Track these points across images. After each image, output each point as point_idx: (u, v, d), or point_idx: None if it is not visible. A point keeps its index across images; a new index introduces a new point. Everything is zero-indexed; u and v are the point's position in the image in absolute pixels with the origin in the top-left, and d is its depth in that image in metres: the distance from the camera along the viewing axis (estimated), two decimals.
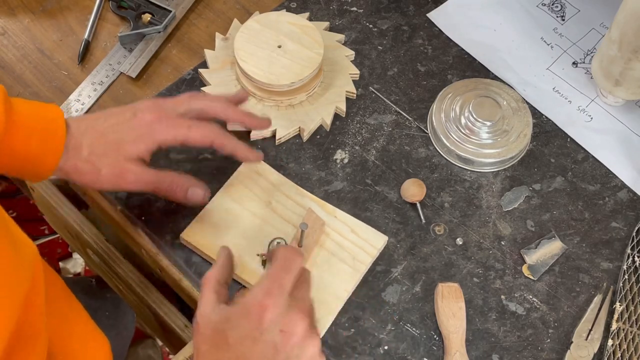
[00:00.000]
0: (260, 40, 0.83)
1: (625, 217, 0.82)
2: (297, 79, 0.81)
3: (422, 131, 0.86)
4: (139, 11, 0.92)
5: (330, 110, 0.84)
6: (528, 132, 0.85)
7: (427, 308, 0.75)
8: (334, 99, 0.85)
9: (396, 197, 0.81)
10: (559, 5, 0.98)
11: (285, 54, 0.82)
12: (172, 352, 1.28)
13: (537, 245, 0.79)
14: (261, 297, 0.59)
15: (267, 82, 0.81)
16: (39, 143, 0.67)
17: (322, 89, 0.85)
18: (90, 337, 0.74)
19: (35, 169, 0.68)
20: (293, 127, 0.82)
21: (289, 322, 0.58)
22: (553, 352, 0.74)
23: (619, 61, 0.83)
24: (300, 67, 0.81)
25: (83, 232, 0.89)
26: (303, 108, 0.84)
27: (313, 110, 0.84)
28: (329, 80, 0.86)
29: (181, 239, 0.77)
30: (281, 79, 0.81)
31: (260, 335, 0.58)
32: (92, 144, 0.69)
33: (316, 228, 0.76)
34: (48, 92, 0.88)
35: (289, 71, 0.81)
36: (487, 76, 0.91)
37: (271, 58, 0.82)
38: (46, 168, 0.68)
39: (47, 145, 0.67)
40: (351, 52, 0.89)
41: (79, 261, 1.63)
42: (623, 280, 0.78)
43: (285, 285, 0.59)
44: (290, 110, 0.83)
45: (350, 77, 0.87)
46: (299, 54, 0.82)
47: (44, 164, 0.68)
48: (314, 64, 0.82)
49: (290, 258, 0.61)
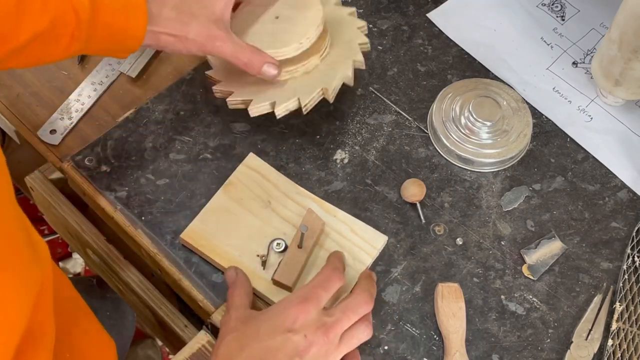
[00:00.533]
0: (256, 18, 0.80)
1: (625, 217, 0.82)
2: (304, 38, 0.78)
3: (422, 131, 0.86)
4: None
5: (348, 65, 0.80)
6: (528, 132, 0.85)
7: (427, 308, 0.75)
8: (348, 53, 0.81)
9: (396, 197, 0.81)
10: (559, 5, 0.98)
11: (284, 21, 0.79)
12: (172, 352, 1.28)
13: (537, 245, 0.79)
14: (298, 302, 0.65)
15: (274, 51, 0.77)
16: (124, 17, 0.68)
17: (332, 48, 0.82)
18: (96, 337, 0.75)
19: (126, 41, 0.70)
20: (316, 90, 0.78)
21: (315, 331, 0.64)
22: (553, 352, 0.74)
23: (619, 61, 0.83)
24: (302, 27, 0.78)
25: (83, 232, 0.89)
26: (320, 71, 0.80)
27: (330, 70, 0.80)
28: (338, 38, 0.83)
29: (181, 239, 0.77)
30: (288, 43, 0.77)
31: (290, 335, 0.63)
32: (178, 6, 0.71)
33: (316, 228, 0.76)
34: (48, 92, 0.88)
35: (293, 34, 0.78)
36: (487, 76, 0.91)
37: (272, 30, 0.79)
38: (134, 39, 0.70)
39: (132, 17, 0.69)
40: (352, 9, 0.85)
41: (78, 261, 1.63)
42: (623, 280, 0.78)
43: (321, 299, 0.66)
44: (306, 77, 0.80)
45: (359, 30, 0.83)
46: (299, 17, 0.79)
47: (131, 35, 0.70)
48: (316, 20, 0.79)
49: (331, 279, 0.67)
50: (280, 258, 0.74)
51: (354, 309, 0.67)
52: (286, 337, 0.63)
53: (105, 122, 0.86)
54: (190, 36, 0.72)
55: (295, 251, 0.74)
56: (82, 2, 0.66)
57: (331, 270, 0.69)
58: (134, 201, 0.80)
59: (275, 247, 0.75)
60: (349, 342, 0.66)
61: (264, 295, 0.74)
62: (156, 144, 0.83)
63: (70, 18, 0.66)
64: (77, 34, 0.67)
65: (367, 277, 0.72)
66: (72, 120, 0.86)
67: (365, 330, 0.67)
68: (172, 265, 0.77)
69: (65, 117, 0.86)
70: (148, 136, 0.84)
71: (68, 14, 0.65)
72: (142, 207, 0.79)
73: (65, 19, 0.66)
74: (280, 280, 0.73)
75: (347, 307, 0.67)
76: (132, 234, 0.78)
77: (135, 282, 0.89)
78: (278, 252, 0.75)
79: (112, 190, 0.80)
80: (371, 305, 0.68)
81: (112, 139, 0.83)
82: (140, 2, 0.69)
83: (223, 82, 0.80)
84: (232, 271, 0.72)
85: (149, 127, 0.84)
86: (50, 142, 0.84)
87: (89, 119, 0.86)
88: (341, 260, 0.72)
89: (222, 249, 0.76)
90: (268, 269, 0.75)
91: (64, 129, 0.85)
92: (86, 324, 0.74)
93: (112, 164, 0.82)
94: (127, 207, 0.79)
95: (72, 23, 0.66)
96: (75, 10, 0.65)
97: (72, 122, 0.86)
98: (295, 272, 0.73)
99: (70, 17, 0.66)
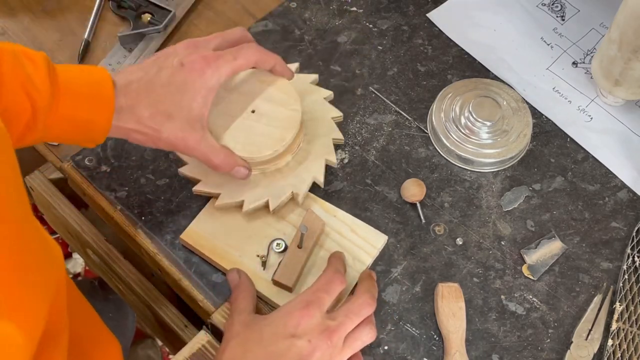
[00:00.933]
0: (232, 108, 0.74)
1: (625, 217, 0.82)
2: (280, 144, 0.74)
3: (422, 131, 0.86)
4: (139, 11, 0.92)
5: (320, 166, 0.77)
6: (528, 132, 0.85)
7: (427, 308, 0.75)
8: (322, 151, 0.78)
9: (396, 197, 0.81)
10: (559, 5, 0.98)
11: (260, 118, 0.74)
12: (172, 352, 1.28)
13: (537, 245, 0.79)
14: (301, 307, 0.65)
15: (249, 156, 0.73)
16: (88, 107, 0.65)
17: (306, 143, 0.78)
18: (102, 338, 0.75)
19: (89, 133, 0.67)
20: (285, 193, 0.75)
21: (319, 335, 0.64)
22: (553, 352, 0.74)
23: (618, 61, 0.83)
24: (279, 131, 0.74)
25: (83, 232, 0.89)
26: (291, 170, 0.76)
27: (302, 169, 0.76)
28: (312, 131, 0.79)
29: (181, 240, 0.77)
30: (262, 148, 0.73)
31: (294, 340, 0.63)
32: (152, 104, 0.67)
33: (316, 229, 0.75)
34: None
35: (269, 138, 0.74)
36: (487, 76, 0.91)
37: (247, 127, 0.74)
38: (99, 132, 0.67)
39: (96, 109, 0.66)
40: (329, 93, 0.81)
41: (79, 261, 1.63)
42: (623, 280, 0.77)
43: (324, 303, 0.66)
44: (278, 175, 0.76)
45: (333, 120, 0.80)
46: (276, 116, 0.74)
47: (96, 128, 0.67)
48: (294, 124, 0.74)
49: (333, 282, 0.68)
50: (280, 258, 0.74)
51: (356, 311, 0.67)
52: (290, 342, 0.63)
53: None
54: (163, 136, 0.67)
55: (295, 251, 0.74)
56: (40, 90, 0.62)
57: (333, 273, 0.69)
58: (134, 201, 0.80)
59: (275, 247, 0.75)
60: (353, 345, 0.66)
61: (264, 296, 0.74)
62: None
63: (24, 107, 0.62)
64: (32, 124, 0.63)
65: (368, 278, 0.72)
66: None
67: (370, 333, 0.67)
68: (172, 265, 0.77)
69: None
70: None
71: (22, 104, 0.62)
72: (142, 207, 0.79)
73: (17, 109, 0.62)
74: (280, 281, 0.73)
75: (350, 310, 0.67)
76: (132, 234, 0.78)
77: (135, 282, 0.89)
78: (278, 252, 0.75)
79: (112, 190, 0.80)
80: (374, 307, 0.68)
81: (112, 139, 0.83)
82: (108, 94, 0.65)
83: (189, 166, 0.77)
84: (234, 273, 0.72)
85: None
86: (50, 142, 0.84)
87: None
88: (342, 262, 0.72)
89: (222, 249, 0.76)
90: (268, 270, 0.75)
91: None
92: (92, 325, 0.74)
93: (112, 164, 0.82)
94: (127, 207, 0.79)
95: (26, 112, 0.62)
96: (31, 98, 0.62)
97: None
98: (295, 273, 0.73)
99: (24, 106, 0.62)
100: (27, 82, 0.61)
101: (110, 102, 0.65)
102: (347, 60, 0.91)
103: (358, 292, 0.69)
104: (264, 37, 0.92)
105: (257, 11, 0.95)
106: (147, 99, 0.67)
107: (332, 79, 0.89)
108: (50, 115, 0.64)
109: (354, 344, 0.66)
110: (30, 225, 0.53)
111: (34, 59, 0.63)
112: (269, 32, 0.92)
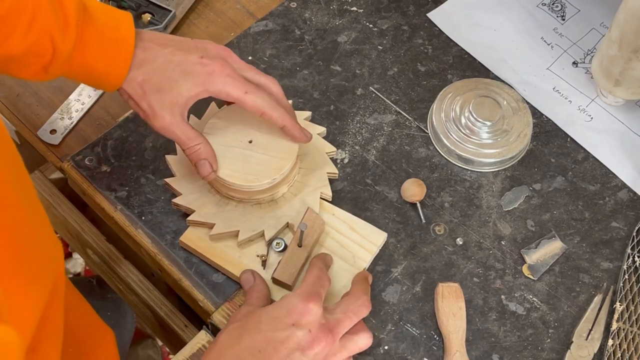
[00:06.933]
0: (229, 139, 0.75)
1: (625, 217, 0.82)
2: (278, 173, 0.74)
3: (422, 131, 0.86)
4: (139, 11, 0.92)
5: (316, 197, 0.78)
6: (528, 132, 0.85)
7: (427, 308, 0.75)
8: (317, 184, 0.79)
9: (396, 197, 0.81)
10: (559, 5, 0.98)
11: (258, 148, 0.75)
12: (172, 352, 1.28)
13: (537, 245, 0.79)
14: (304, 298, 0.65)
15: (246, 185, 0.73)
16: (105, 63, 0.68)
17: (302, 175, 0.79)
18: (95, 327, 0.75)
19: (101, 84, 0.71)
20: (281, 224, 0.76)
21: (319, 327, 0.64)
22: (553, 352, 0.74)
23: (619, 61, 0.83)
24: (277, 160, 0.74)
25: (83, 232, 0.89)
26: (287, 201, 0.77)
27: (297, 200, 0.77)
28: (307, 164, 0.80)
29: (180, 242, 0.77)
30: (260, 177, 0.73)
31: (294, 329, 0.63)
32: (148, 79, 0.70)
33: (316, 227, 0.75)
34: (48, 91, 0.88)
35: (267, 167, 0.74)
36: (487, 76, 0.91)
37: (244, 157, 0.74)
38: (111, 85, 0.70)
39: (112, 66, 0.69)
40: (322, 129, 0.82)
41: (79, 261, 1.63)
42: (623, 280, 0.77)
43: (322, 297, 0.66)
44: (274, 206, 0.77)
45: (327, 155, 0.81)
46: (273, 146, 0.75)
47: (108, 81, 0.70)
48: (291, 154, 0.75)
49: (323, 278, 0.68)
50: (280, 258, 0.74)
51: (355, 310, 0.67)
52: (290, 332, 0.63)
53: (106, 122, 0.86)
54: (142, 105, 0.70)
55: (295, 250, 0.74)
56: (65, 41, 0.65)
57: (319, 270, 0.69)
58: (134, 201, 0.80)
59: (275, 246, 0.75)
60: (350, 347, 0.66)
61: None
62: (156, 144, 0.83)
63: (46, 51, 0.65)
64: (48, 67, 0.67)
65: (365, 280, 0.72)
66: (72, 120, 0.86)
67: (366, 339, 0.68)
68: (172, 265, 0.77)
69: (66, 117, 0.86)
70: (148, 136, 0.84)
71: (45, 47, 0.65)
72: (142, 207, 0.79)
73: (39, 50, 0.65)
74: (279, 279, 0.73)
75: (348, 308, 0.67)
76: (132, 234, 0.78)
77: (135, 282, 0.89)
78: (278, 251, 0.75)
79: (112, 190, 0.80)
80: (370, 308, 0.68)
81: (112, 139, 0.83)
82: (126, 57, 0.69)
83: (183, 196, 0.77)
84: (249, 275, 0.72)
85: (149, 127, 0.84)
86: (50, 142, 0.84)
87: (89, 119, 0.87)
88: (325, 261, 0.73)
89: (222, 250, 0.76)
90: (268, 269, 0.75)
91: (64, 128, 0.85)
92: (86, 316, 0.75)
93: (112, 163, 0.82)
94: (127, 207, 0.79)
95: (47, 56, 0.66)
96: (54, 44, 0.65)
97: (72, 122, 0.86)
98: (295, 271, 0.73)
99: (46, 50, 0.65)
100: (54, 29, 0.64)
101: (126, 66, 0.69)
102: (347, 60, 0.91)
103: (357, 293, 0.69)
104: (264, 37, 0.92)
105: (257, 11, 0.95)
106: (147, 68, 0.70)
107: (332, 79, 0.89)
108: (68, 62, 0.67)
109: (350, 346, 0.66)
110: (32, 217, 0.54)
111: (66, 10, 0.65)
112: (269, 32, 0.92)
